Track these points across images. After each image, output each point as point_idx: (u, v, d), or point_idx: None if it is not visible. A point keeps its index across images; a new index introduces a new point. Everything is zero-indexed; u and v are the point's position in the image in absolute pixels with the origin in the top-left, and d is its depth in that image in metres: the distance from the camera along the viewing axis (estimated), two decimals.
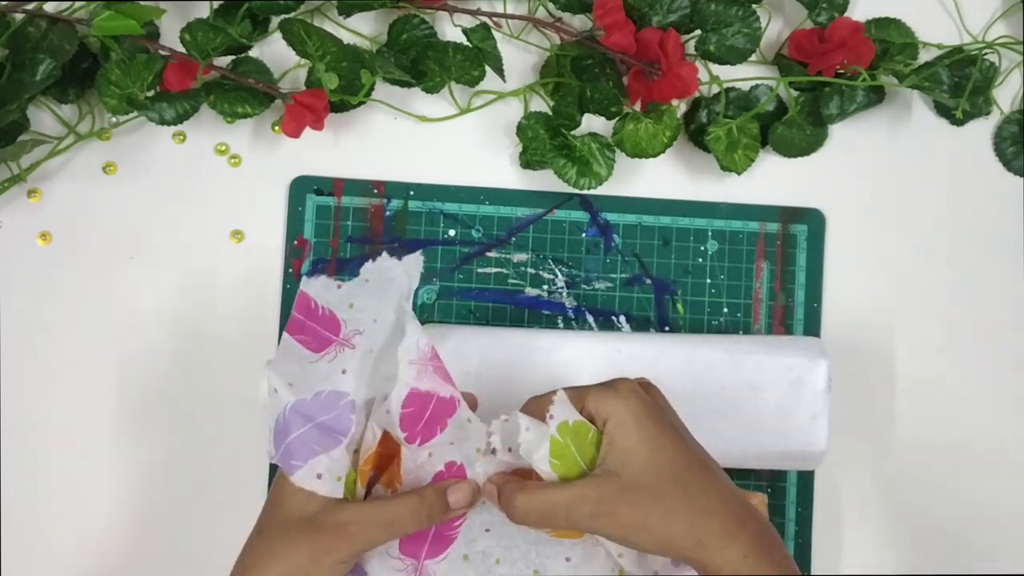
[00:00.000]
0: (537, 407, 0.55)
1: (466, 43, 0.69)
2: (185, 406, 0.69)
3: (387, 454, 0.57)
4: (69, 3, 0.69)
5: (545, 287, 0.71)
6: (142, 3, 0.65)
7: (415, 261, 0.59)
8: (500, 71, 0.69)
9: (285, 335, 0.57)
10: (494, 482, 0.55)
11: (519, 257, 0.71)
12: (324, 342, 0.57)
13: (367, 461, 0.56)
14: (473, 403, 0.59)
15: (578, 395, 0.54)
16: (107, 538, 0.68)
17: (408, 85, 0.70)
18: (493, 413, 0.65)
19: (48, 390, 0.68)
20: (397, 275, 0.59)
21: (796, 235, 0.72)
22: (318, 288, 0.58)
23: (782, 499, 0.70)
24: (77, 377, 0.68)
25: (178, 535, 0.68)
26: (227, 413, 0.68)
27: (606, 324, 0.71)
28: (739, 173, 0.69)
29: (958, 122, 0.73)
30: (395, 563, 0.56)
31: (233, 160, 0.71)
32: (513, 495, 0.53)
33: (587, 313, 0.71)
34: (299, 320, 0.57)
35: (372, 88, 0.68)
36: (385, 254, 0.59)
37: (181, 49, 0.66)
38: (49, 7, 0.67)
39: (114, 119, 0.70)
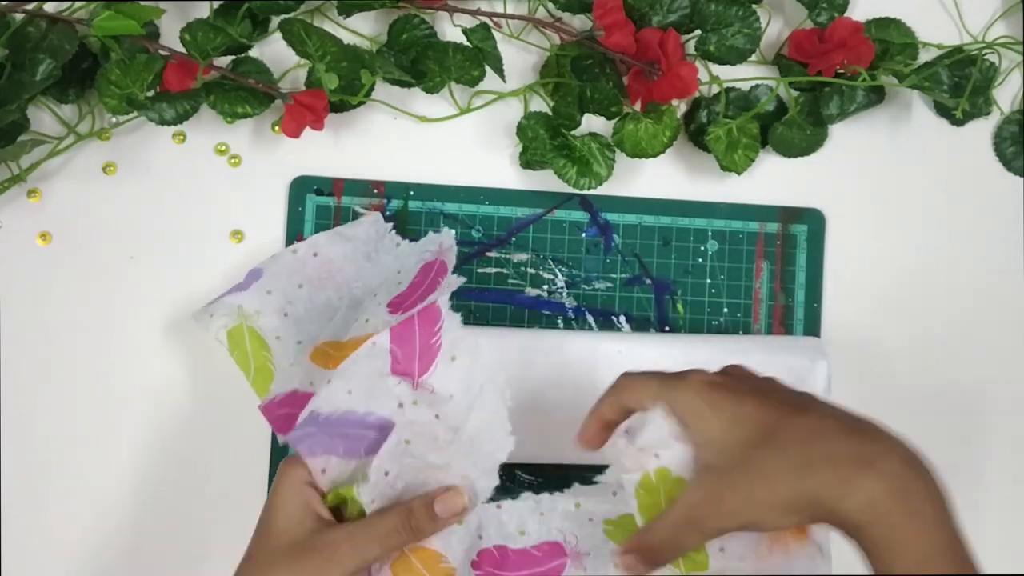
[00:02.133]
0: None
1: (466, 43, 0.69)
2: (184, 404, 0.69)
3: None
4: (69, 3, 0.69)
5: (545, 287, 0.71)
6: (142, 3, 0.65)
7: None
8: (500, 71, 0.69)
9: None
10: (621, 553, 0.53)
11: (519, 257, 0.71)
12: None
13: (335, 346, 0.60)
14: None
15: (657, 388, 0.52)
16: (106, 537, 0.68)
17: (408, 85, 0.70)
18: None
19: (48, 390, 0.68)
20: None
21: (796, 235, 0.72)
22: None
23: None
24: (76, 377, 0.68)
25: (177, 533, 0.68)
26: (226, 411, 0.68)
27: (606, 324, 0.71)
28: (739, 173, 0.69)
29: (958, 122, 0.73)
30: (390, 381, 0.58)
31: (233, 160, 0.71)
32: (630, 548, 0.52)
33: (587, 313, 0.71)
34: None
35: (372, 88, 0.68)
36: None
37: (181, 49, 0.66)
38: (49, 7, 0.67)
39: (114, 119, 0.70)
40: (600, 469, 0.59)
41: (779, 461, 0.48)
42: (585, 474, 0.61)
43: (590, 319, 0.71)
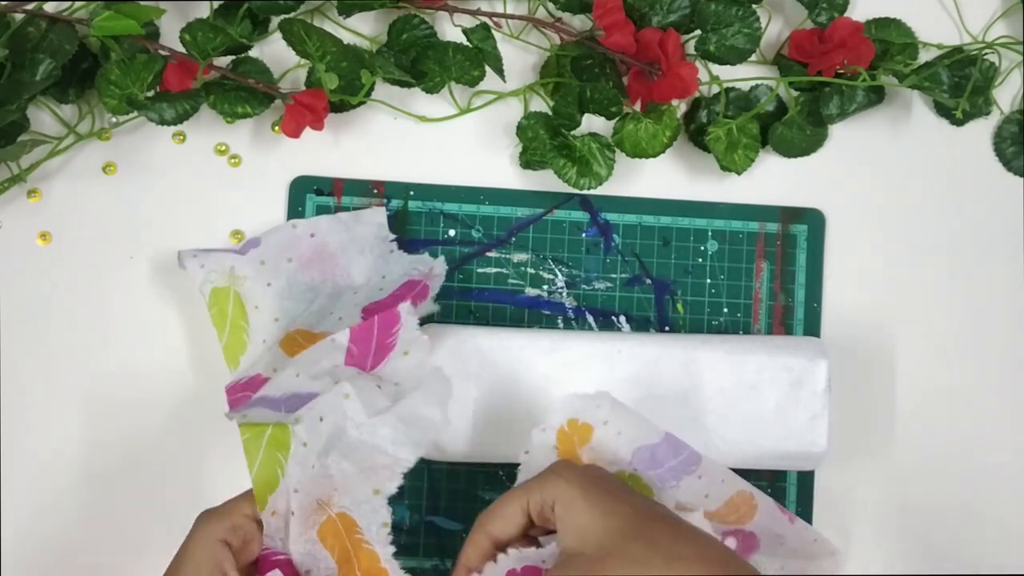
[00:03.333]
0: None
1: (466, 43, 0.69)
2: (185, 403, 0.69)
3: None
4: (69, 3, 0.69)
5: (545, 287, 0.71)
6: (142, 3, 0.65)
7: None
8: (500, 71, 0.69)
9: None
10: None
11: (519, 257, 0.71)
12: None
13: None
14: None
15: (523, 492, 0.54)
16: (107, 537, 0.68)
17: (408, 85, 0.70)
18: (493, 414, 0.65)
19: (47, 390, 0.68)
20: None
21: (796, 235, 0.72)
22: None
23: (782, 499, 0.70)
24: (77, 376, 0.68)
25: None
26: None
27: (606, 324, 0.71)
28: (739, 173, 0.69)
29: (958, 122, 0.73)
30: (337, 369, 0.60)
31: (233, 160, 0.71)
32: None
33: (587, 313, 0.71)
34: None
35: (372, 88, 0.68)
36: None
37: (181, 49, 0.66)
38: (49, 7, 0.67)
39: (114, 119, 0.70)
40: None
41: (650, 553, 0.50)
42: None
43: (590, 319, 0.71)
